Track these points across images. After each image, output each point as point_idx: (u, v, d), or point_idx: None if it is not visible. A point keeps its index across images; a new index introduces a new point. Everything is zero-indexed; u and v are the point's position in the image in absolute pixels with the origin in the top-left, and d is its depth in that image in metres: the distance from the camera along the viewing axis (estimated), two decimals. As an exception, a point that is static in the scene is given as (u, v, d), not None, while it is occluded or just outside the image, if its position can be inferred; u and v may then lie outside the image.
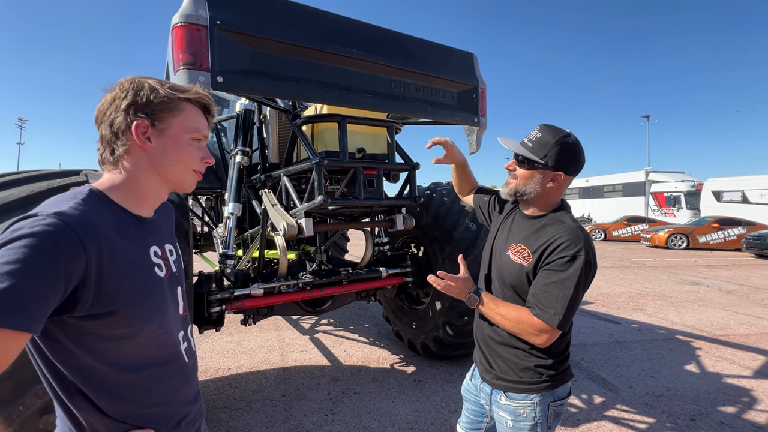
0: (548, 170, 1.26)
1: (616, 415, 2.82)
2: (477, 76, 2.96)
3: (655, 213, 20.63)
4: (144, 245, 0.82)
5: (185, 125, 0.82)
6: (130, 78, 0.81)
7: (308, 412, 2.83)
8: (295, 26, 2.17)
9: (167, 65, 2.18)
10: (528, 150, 1.26)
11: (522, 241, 1.29)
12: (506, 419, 1.31)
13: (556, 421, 1.32)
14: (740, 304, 6.13)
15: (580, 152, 1.28)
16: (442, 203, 3.40)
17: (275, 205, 2.72)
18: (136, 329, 0.76)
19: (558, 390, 1.29)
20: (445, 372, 3.47)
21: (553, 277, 1.18)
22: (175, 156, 0.82)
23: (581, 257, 1.16)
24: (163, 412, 0.83)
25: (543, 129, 1.28)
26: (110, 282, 0.70)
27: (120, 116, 0.77)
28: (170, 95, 0.80)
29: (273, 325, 4.89)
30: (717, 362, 3.79)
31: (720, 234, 14.05)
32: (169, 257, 0.90)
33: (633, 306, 5.98)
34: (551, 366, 1.27)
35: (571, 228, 1.23)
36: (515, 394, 1.29)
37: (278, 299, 2.81)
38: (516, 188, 1.32)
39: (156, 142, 0.79)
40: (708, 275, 8.78)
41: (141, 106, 0.77)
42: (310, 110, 2.99)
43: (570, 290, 1.16)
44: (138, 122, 0.77)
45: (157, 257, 0.85)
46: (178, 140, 0.81)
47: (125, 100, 0.77)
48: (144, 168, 0.81)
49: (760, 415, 2.82)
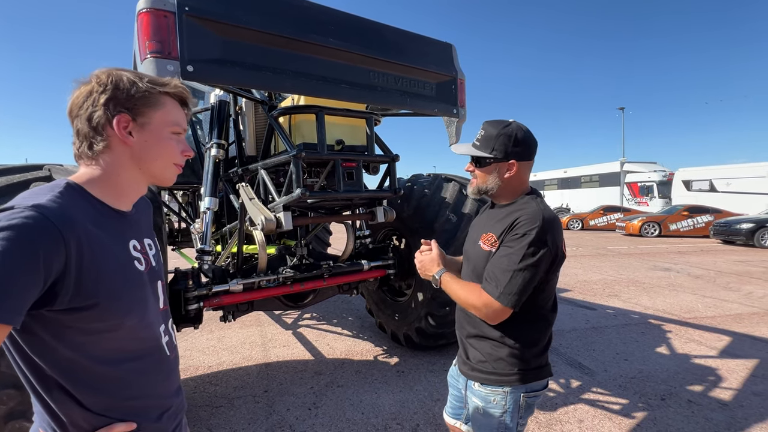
0: (501, 162, 1.30)
1: (591, 398, 2.92)
2: (456, 67, 2.95)
3: (629, 202, 21.33)
4: (123, 239, 0.82)
5: (166, 119, 0.82)
6: (106, 70, 0.78)
7: (291, 406, 2.82)
8: (269, 14, 2.10)
9: (134, 54, 2.08)
10: (477, 149, 1.32)
11: (490, 229, 1.31)
12: (477, 405, 1.34)
13: (528, 412, 1.32)
14: (707, 288, 6.43)
15: (523, 137, 1.30)
16: (423, 195, 3.41)
17: (253, 199, 2.66)
18: (117, 322, 0.76)
19: (532, 383, 1.30)
20: (427, 362, 3.51)
21: (504, 251, 1.22)
22: (156, 150, 0.82)
23: (532, 234, 1.17)
24: (145, 405, 0.83)
25: (486, 126, 1.33)
26: (90, 275, 0.70)
27: (99, 110, 0.75)
28: (150, 89, 0.79)
29: (255, 321, 4.83)
30: (686, 344, 3.97)
31: (689, 222, 14.65)
32: (149, 251, 0.89)
33: (608, 292, 6.18)
34: (525, 359, 1.28)
35: (533, 210, 1.24)
36: (487, 384, 1.31)
37: (258, 295, 2.77)
38: (478, 186, 1.37)
39: (137, 137, 0.79)
40: (678, 261, 9.15)
41: (121, 101, 0.76)
42: (287, 101, 2.93)
43: (514, 264, 1.17)
44: (119, 117, 0.76)
45: (137, 251, 0.84)
46: (159, 134, 0.81)
47: (104, 95, 0.75)
48: (125, 163, 0.80)
49: (725, 393, 2.97)
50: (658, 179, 20.51)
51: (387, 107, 3.02)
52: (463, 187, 3.44)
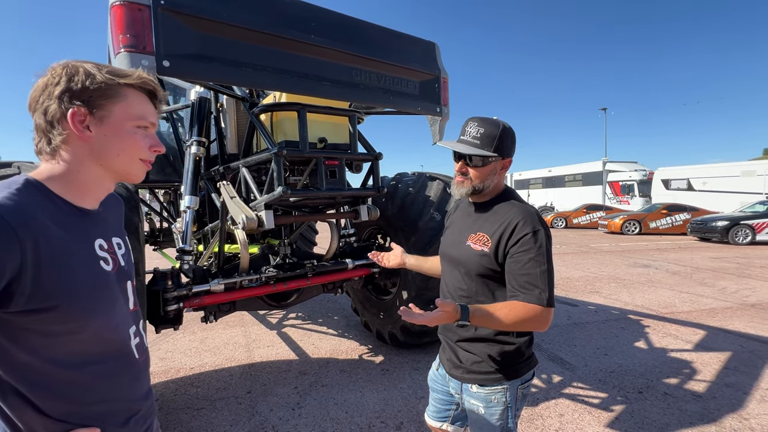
0: (499, 160, 1.30)
1: (572, 392, 2.97)
2: (439, 65, 2.96)
3: (611, 201, 21.79)
4: (87, 238, 0.78)
5: (128, 112, 0.77)
6: (63, 62, 0.75)
7: (274, 407, 2.79)
8: (249, 9, 2.07)
9: (108, 48, 2.02)
10: (478, 147, 1.27)
11: (479, 229, 1.30)
12: (478, 406, 1.33)
13: (523, 402, 1.36)
14: (684, 283, 6.62)
15: (514, 135, 1.34)
16: (407, 193, 3.41)
17: (234, 197, 2.62)
18: (79, 324, 0.72)
19: (525, 374, 1.33)
20: (412, 360, 3.52)
21: (524, 258, 1.19)
22: (118, 145, 0.77)
23: (541, 230, 1.21)
24: (110, 409, 0.80)
25: (481, 123, 1.29)
26: (49, 276, 0.66)
27: (54, 104, 0.72)
28: (108, 80, 0.74)
29: (239, 321, 4.76)
30: (663, 338, 4.08)
31: (668, 219, 15.06)
32: (117, 250, 0.86)
33: (590, 289, 6.31)
34: (518, 353, 1.30)
35: (521, 207, 1.27)
36: (487, 384, 1.31)
37: (240, 294, 2.73)
38: (474, 186, 1.31)
39: (96, 131, 0.75)
40: (657, 258, 9.41)
41: (76, 93, 0.72)
42: (269, 98, 2.89)
43: (545, 264, 1.18)
44: (74, 110, 0.72)
45: (103, 250, 0.80)
46: (119, 128, 0.77)
47: (58, 87, 0.72)
48: (84, 158, 0.76)
49: (699, 385, 3.07)
50: (638, 178, 21.02)
51: (370, 105, 3.01)
52: (447, 185, 3.45)
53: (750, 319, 4.67)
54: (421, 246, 3.19)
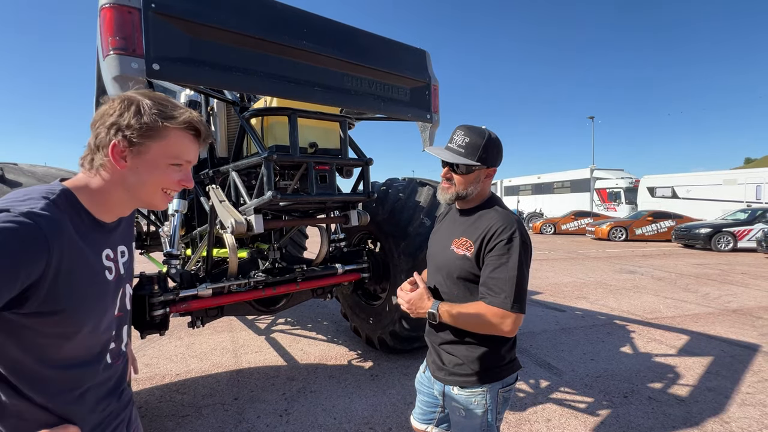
0: (482, 169, 1.34)
1: (559, 397, 3.00)
2: (429, 73, 3.00)
3: (598, 208, 22.16)
4: (99, 249, 0.83)
5: (165, 152, 0.82)
6: (127, 95, 0.82)
7: (262, 414, 2.75)
8: (240, 14, 2.07)
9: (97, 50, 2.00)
10: (463, 156, 1.32)
11: (463, 234, 1.34)
12: (459, 408, 1.35)
13: (505, 405, 1.38)
14: (668, 289, 6.76)
15: (500, 145, 1.38)
16: (398, 199, 3.43)
17: (223, 201, 2.61)
18: (75, 330, 0.77)
19: (506, 377, 1.35)
20: (401, 366, 3.52)
21: (496, 262, 1.23)
22: (147, 177, 0.83)
23: (517, 237, 1.23)
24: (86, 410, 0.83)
25: (467, 132, 1.33)
26: (64, 284, 0.71)
27: (103, 132, 0.79)
28: (152, 122, 0.79)
29: (227, 327, 4.70)
30: (648, 343, 4.15)
31: (654, 226, 15.38)
32: (119, 259, 0.90)
33: (577, 294, 6.39)
34: (499, 357, 1.33)
35: (503, 214, 1.31)
36: (467, 386, 1.33)
37: (228, 299, 2.70)
38: (457, 192, 1.36)
39: (131, 163, 0.81)
40: (643, 264, 9.58)
41: (122, 127, 0.78)
42: (259, 103, 2.89)
43: (514, 270, 1.21)
44: (115, 142, 0.79)
45: (109, 260, 0.85)
46: (154, 164, 0.82)
47: (111, 118, 0.79)
48: (116, 183, 0.82)
49: (682, 389, 3.13)
50: (625, 186, 21.43)
51: (361, 111, 3.03)
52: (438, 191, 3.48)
53: (731, 324, 4.78)
54: (411, 251, 3.20)
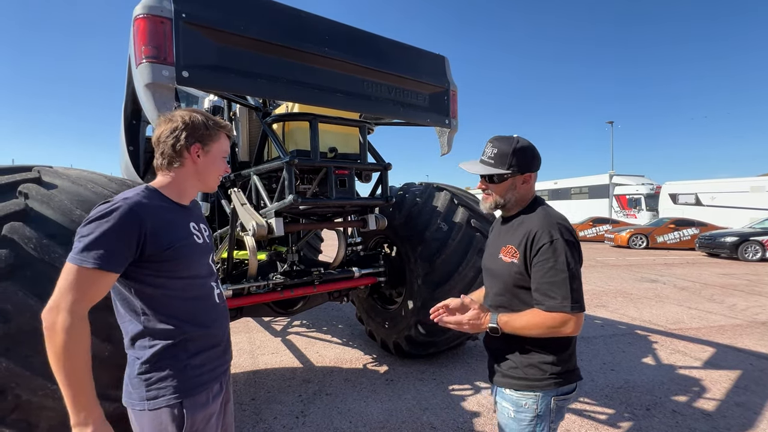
0: (517, 176, 1.35)
1: (578, 408, 2.94)
2: (448, 78, 3.01)
3: (618, 214, 21.64)
4: (185, 221, 1.19)
5: (220, 148, 1.22)
6: (188, 113, 1.16)
7: (278, 415, 2.79)
8: (266, 23, 2.14)
9: (129, 58, 2.08)
10: (492, 167, 1.35)
11: (508, 242, 1.35)
12: (508, 409, 1.33)
13: (559, 416, 1.33)
14: (693, 299, 6.54)
15: (533, 149, 1.39)
16: (415, 203, 3.44)
17: (245, 204, 2.66)
18: (184, 268, 1.13)
19: (563, 387, 1.31)
20: (417, 371, 3.50)
21: (544, 266, 1.23)
22: (212, 167, 1.21)
23: (558, 238, 1.23)
24: (206, 334, 1.17)
25: (496, 143, 1.36)
26: (160, 237, 1.06)
27: (182, 141, 1.13)
28: (213, 130, 1.18)
29: (243, 328, 4.78)
30: (671, 354, 4.03)
31: (676, 234, 14.91)
32: (203, 231, 1.26)
33: (596, 303, 6.25)
34: (554, 363, 1.29)
35: (542, 216, 1.30)
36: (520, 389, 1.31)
37: (247, 300, 2.76)
38: (495, 201, 1.40)
39: (202, 159, 1.18)
40: (665, 273, 9.30)
41: (198, 136, 1.15)
42: (281, 108, 2.95)
43: (564, 272, 1.20)
44: (195, 146, 1.15)
45: (195, 230, 1.21)
46: (215, 158, 1.21)
47: (185, 132, 1.13)
48: (190, 175, 1.18)
49: (708, 403, 3.02)
50: (645, 192, 20.88)
51: (380, 116, 3.06)
52: (455, 196, 3.48)
53: (760, 337, 4.59)
54: (427, 256, 3.20)
